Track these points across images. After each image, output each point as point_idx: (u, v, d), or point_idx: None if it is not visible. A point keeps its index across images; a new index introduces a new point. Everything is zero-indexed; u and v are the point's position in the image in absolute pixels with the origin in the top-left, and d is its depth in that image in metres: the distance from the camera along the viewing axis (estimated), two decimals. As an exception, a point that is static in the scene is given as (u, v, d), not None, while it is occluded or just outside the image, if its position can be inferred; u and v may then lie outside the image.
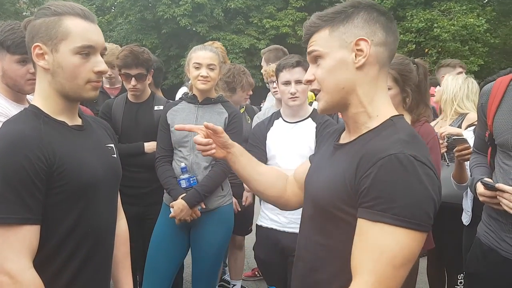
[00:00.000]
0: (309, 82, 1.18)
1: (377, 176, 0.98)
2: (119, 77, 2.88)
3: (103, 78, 3.52)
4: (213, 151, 1.38)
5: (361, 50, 1.10)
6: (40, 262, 1.20)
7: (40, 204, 1.18)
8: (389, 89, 2.02)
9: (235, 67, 3.26)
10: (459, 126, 2.82)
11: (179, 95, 3.46)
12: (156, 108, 2.77)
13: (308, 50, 1.17)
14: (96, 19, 1.31)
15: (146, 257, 2.57)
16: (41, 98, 1.29)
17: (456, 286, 2.78)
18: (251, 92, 3.26)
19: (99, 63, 1.27)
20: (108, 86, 3.50)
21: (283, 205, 1.49)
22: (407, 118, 2.11)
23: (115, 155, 1.46)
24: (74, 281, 1.28)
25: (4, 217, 1.13)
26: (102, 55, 1.31)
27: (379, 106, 1.14)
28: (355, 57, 1.11)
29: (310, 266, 1.20)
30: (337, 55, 1.12)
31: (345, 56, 1.11)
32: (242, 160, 1.42)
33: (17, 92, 1.87)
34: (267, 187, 1.44)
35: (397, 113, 1.15)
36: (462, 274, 2.72)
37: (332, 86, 1.13)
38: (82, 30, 1.24)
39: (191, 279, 2.63)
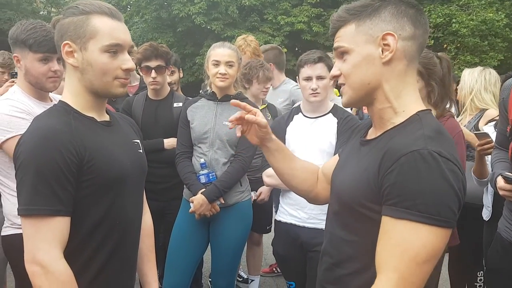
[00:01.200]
0: (335, 77, 1.18)
1: (400, 173, 0.97)
2: (136, 75, 2.93)
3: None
4: (239, 127, 1.35)
5: (387, 45, 1.08)
6: (70, 253, 1.23)
7: (71, 197, 1.21)
8: None
9: (254, 60, 3.27)
10: (477, 122, 2.79)
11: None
12: (175, 105, 2.81)
13: (334, 46, 1.16)
14: (122, 17, 1.33)
15: (166, 252, 2.62)
16: (71, 94, 1.32)
17: (476, 283, 2.77)
18: (268, 86, 3.25)
19: (126, 61, 1.30)
20: (127, 83, 3.55)
21: (313, 200, 1.49)
22: (432, 113, 2.08)
23: (141, 151, 1.49)
24: (101, 272, 1.32)
25: (37, 208, 1.17)
26: (129, 52, 1.34)
27: (406, 102, 1.12)
28: (382, 52, 1.09)
29: (334, 261, 1.21)
30: (364, 50, 1.10)
31: (372, 51, 1.10)
32: (277, 155, 1.41)
33: (40, 90, 1.91)
34: (299, 182, 1.44)
35: (424, 108, 1.13)
36: (482, 272, 2.70)
37: (358, 82, 1.12)
38: (109, 28, 1.26)
39: (211, 273, 2.67)
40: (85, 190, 1.25)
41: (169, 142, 2.77)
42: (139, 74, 3.27)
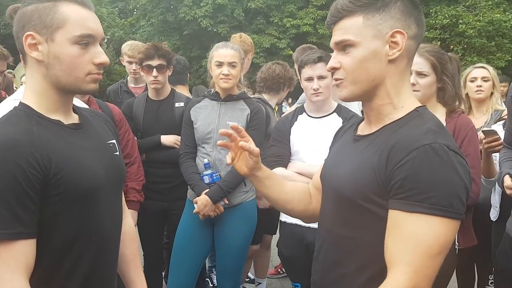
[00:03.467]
0: (334, 69, 1.15)
1: (413, 167, 0.97)
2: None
3: (128, 77, 3.59)
4: (229, 155, 1.30)
5: (396, 43, 1.08)
6: (38, 281, 1.08)
7: (35, 216, 1.05)
8: (425, 75, 1.98)
9: (282, 67, 3.24)
10: (495, 123, 2.75)
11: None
12: (177, 105, 2.80)
13: (338, 38, 1.11)
14: (93, 6, 1.18)
15: (171, 252, 2.61)
16: (33, 94, 1.15)
17: (487, 286, 2.73)
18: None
19: (99, 54, 1.15)
20: (132, 85, 3.55)
21: (309, 218, 1.45)
22: (441, 109, 2.03)
23: (117, 153, 1.32)
24: None
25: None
26: (100, 45, 1.18)
27: (404, 98, 1.13)
28: (389, 49, 1.08)
29: (334, 259, 1.18)
30: (371, 45, 1.08)
31: (379, 47, 1.08)
32: (267, 183, 1.34)
33: None
34: (295, 204, 1.39)
35: (420, 104, 1.14)
36: (492, 275, 2.66)
37: (362, 77, 1.10)
38: (80, 17, 1.12)
39: (216, 274, 2.66)
40: (52, 207, 1.09)
41: (168, 139, 2.75)
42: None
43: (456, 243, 1.93)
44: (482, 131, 2.24)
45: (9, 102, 1.86)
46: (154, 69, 2.69)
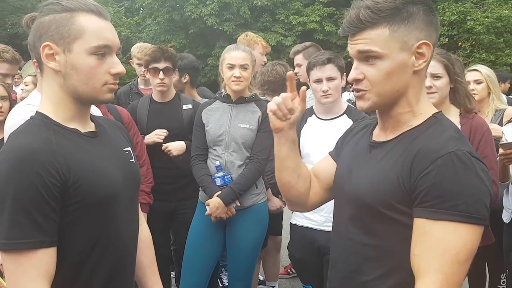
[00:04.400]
0: (357, 81, 1.12)
1: (439, 175, 0.98)
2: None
3: (138, 79, 3.61)
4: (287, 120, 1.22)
5: (422, 54, 1.07)
6: None
7: (55, 225, 1.06)
8: (440, 77, 2.03)
9: (284, 67, 3.19)
10: (500, 123, 2.74)
11: None
12: (184, 107, 2.81)
13: (363, 48, 1.08)
14: (109, 16, 1.19)
15: (180, 253, 2.62)
16: (51, 103, 1.17)
17: (498, 286, 2.71)
18: None
19: (116, 64, 1.16)
20: (143, 87, 3.57)
21: (302, 205, 1.39)
22: (454, 110, 2.06)
23: (133, 160, 1.34)
24: None
25: (16, 242, 1.02)
26: (117, 55, 1.20)
27: (423, 105, 1.13)
28: (415, 60, 1.08)
29: (354, 268, 1.18)
30: (398, 57, 1.07)
31: (405, 59, 1.07)
32: (292, 145, 1.28)
33: None
34: (300, 180, 1.33)
35: (436, 110, 1.15)
36: (505, 274, 2.65)
37: (388, 89, 1.09)
38: (97, 28, 1.13)
39: (227, 276, 2.67)
40: (71, 215, 1.09)
41: (150, 138, 2.71)
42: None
43: None
44: (501, 145, 2.23)
45: (22, 108, 1.88)
46: (161, 72, 2.70)
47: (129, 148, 1.34)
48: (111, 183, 1.17)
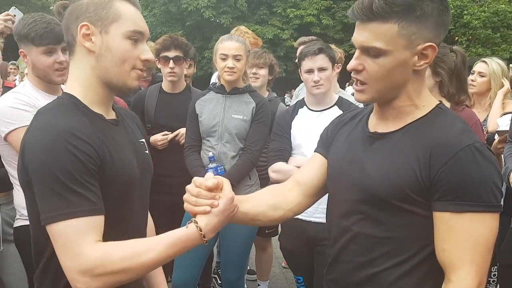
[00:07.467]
0: (356, 71, 1.11)
1: (462, 168, 1.00)
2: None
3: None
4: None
5: (425, 56, 1.06)
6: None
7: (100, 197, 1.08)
8: None
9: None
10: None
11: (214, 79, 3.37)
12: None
13: (367, 44, 1.06)
14: (140, 7, 1.24)
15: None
16: (80, 85, 1.18)
17: (489, 279, 2.73)
18: (256, 71, 3.06)
19: (146, 51, 1.20)
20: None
21: (288, 216, 1.36)
22: (445, 104, 2.05)
23: (147, 151, 1.37)
24: None
25: (76, 211, 1.02)
26: None
27: (425, 97, 1.14)
28: (417, 60, 1.06)
29: (362, 260, 1.16)
30: (401, 55, 1.05)
31: (408, 58, 1.06)
32: (248, 215, 1.26)
33: (49, 83, 1.91)
34: (278, 209, 1.31)
35: (438, 102, 1.16)
36: (495, 266, 2.66)
37: (387, 85, 1.09)
38: (133, 15, 1.17)
39: (220, 267, 2.67)
40: None
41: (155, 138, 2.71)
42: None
43: None
44: (497, 131, 2.23)
45: (7, 95, 1.87)
46: (171, 61, 2.66)
47: (143, 140, 1.37)
48: (131, 171, 1.20)
